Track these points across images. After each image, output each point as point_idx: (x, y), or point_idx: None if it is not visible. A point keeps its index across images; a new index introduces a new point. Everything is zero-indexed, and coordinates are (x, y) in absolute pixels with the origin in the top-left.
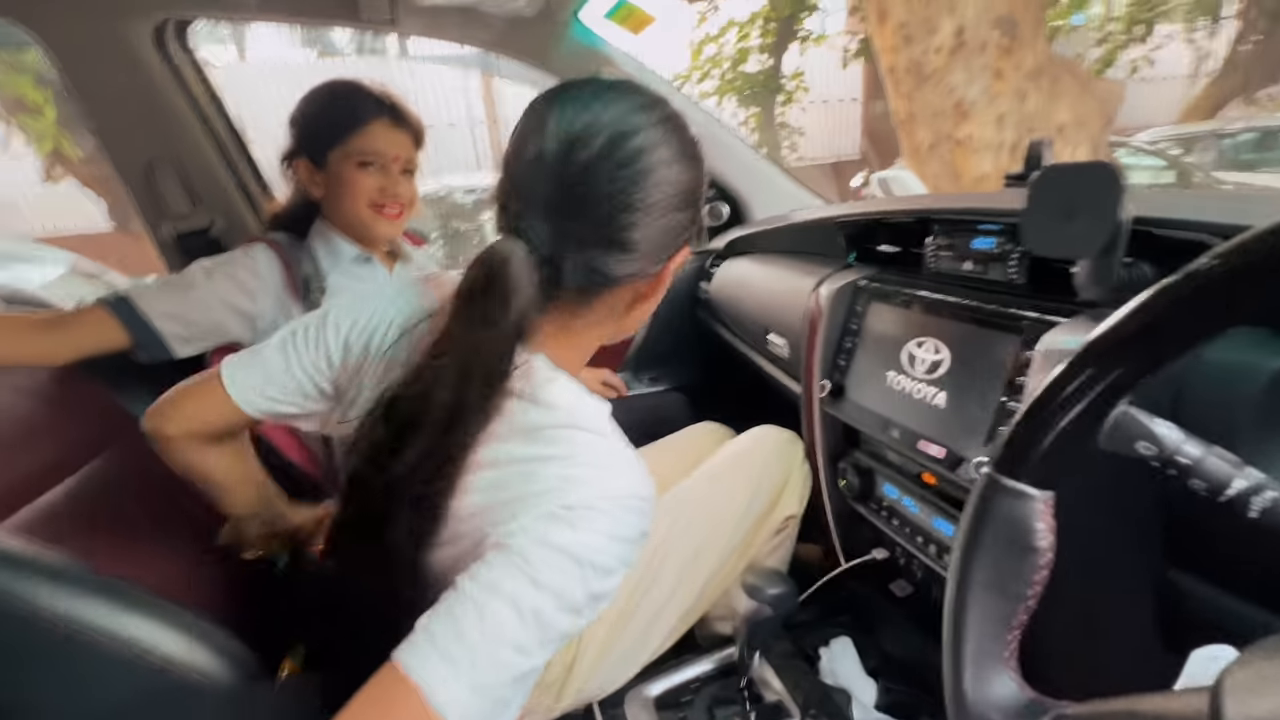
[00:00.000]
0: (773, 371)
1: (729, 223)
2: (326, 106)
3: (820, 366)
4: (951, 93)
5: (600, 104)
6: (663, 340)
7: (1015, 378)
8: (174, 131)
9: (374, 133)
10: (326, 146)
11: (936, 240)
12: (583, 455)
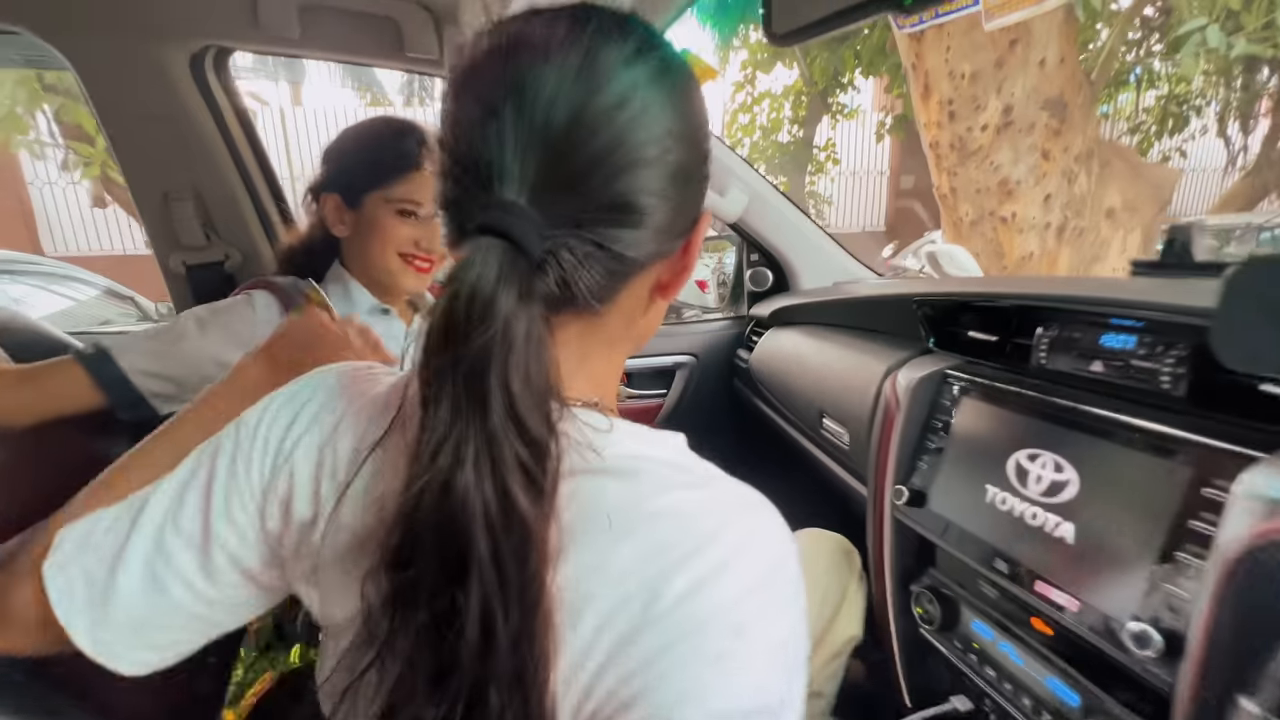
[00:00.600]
0: (826, 462)
1: (771, 289)
2: (372, 145)
3: (895, 468)
4: (996, 170)
5: (569, 26)
6: (694, 409)
7: (1188, 521)
8: (198, 161)
9: (420, 181)
10: (365, 187)
11: (1050, 332)
12: (708, 527)
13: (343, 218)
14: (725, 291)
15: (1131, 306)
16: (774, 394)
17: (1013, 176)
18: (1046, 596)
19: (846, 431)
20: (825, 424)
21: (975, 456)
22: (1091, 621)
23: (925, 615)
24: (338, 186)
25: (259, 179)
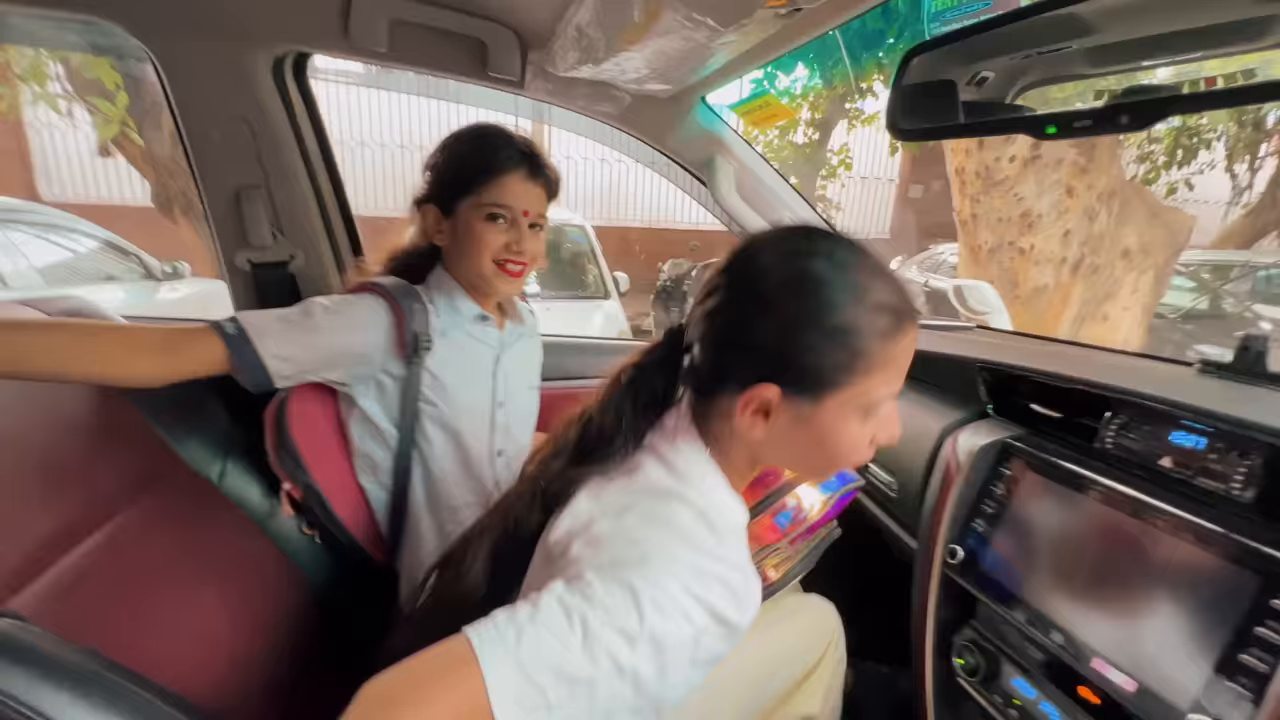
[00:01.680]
0: (870, 506)
1: None
2: (464, 153)
3: (950, 526)
4: (1020, 202)
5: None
6: None
7: (1254, 627)
8: (271, 163)
9: (508, 184)
10: (458, 195)
11: (1119, 419)
12: (683, 527)
13: (440, 226)
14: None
15: (1208, 416)
16: None
17: (1035, 209)
18: (1102, 673)
19: (896, 481)
20: (873, 470)
21: (1035, 529)
22: (1149, 706)
23: (967, 666)
24: (435, 196)
25: (325, 183)
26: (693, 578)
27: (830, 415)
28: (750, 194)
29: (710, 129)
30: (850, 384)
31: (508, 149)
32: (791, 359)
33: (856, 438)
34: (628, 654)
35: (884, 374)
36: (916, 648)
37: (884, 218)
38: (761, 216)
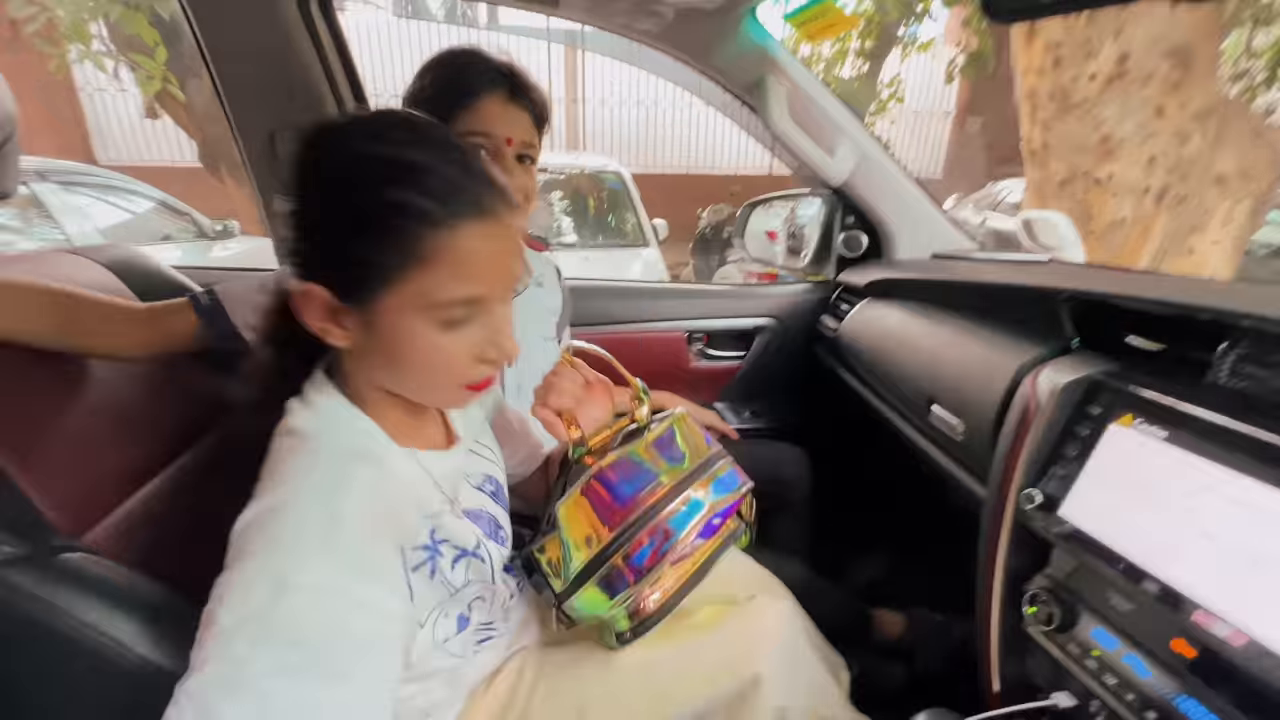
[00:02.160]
0: (929, 450)
1: (864, 255)
2: (437, 78)
3: (1026, 469)
4: (1099, 126)
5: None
6: (771, 373)
7: None
8: (302, 101)
9: (486, 109)
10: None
11: (1239, 349)
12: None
13: None
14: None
15: None
16: (868, 369)
17: (1117, 134)
18: (1205, 626)
19: (963, 424)
20: (935, 412)
21: (1128, 474)
22: (1260, 660)
23: (1039, 615)
24: None
25: None
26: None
27: (390, 320)
28: (804, 118)
29: (761, 46)
30: (399, 280)
31: (484, 71)
32: (326, 253)
33: (441, 349)
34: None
35: (448, 270)
36: (982, 595)
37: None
38: (816, 142)
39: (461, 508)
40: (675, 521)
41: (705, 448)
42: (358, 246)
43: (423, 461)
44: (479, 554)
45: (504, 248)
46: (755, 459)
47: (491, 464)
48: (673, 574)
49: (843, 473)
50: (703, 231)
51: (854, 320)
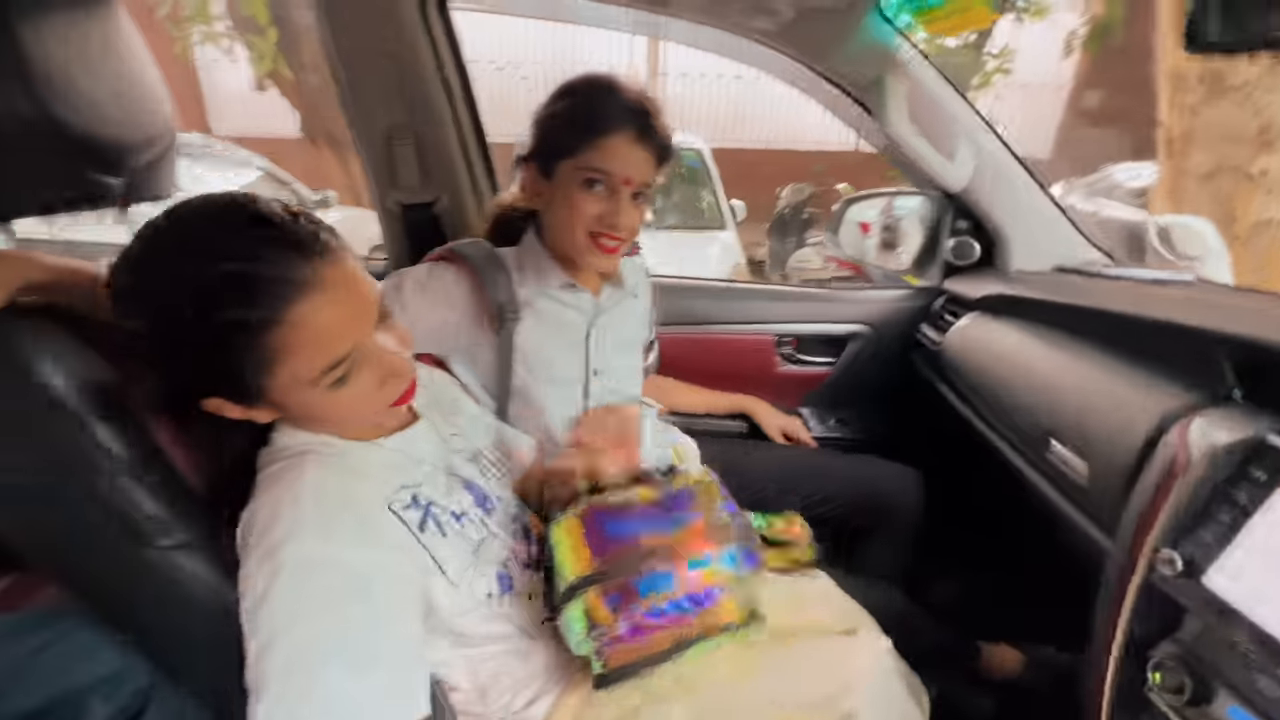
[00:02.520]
0: (1045, 489)
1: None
2: (568, 108)
3: (1165, 529)
4: (1259, 114)
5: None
6: (862, 383)
7: None
8: (419, 103)
9: (611, 147)
10: (558, 155)
11: None
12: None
13: (538, 188)
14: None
15: None
16: (973, 389)
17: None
18: None
19: (1088, 466)
20: (1055, 449)
21: None
22: None
23: (1166, 684)
24: (535, 154)
25: (467, 123)
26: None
27: (288, 400)
28: (923, 119)
29: (883, 43)
30: (270, 375)
31: (614, 106)
32: (198, 377)
33: (342, 401)
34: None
35: (305, 352)
36: (1099, 650)
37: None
38: (936, 149)
39: (459, 475)
40: (644, 583)
41: (721, 517)
42: (219, 367)
43: (388, 444)
44: (471, 518)
45: (342, 306)
46: (853, 477)
47: (472, 440)
48: (644, 639)
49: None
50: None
51: (960, 334)
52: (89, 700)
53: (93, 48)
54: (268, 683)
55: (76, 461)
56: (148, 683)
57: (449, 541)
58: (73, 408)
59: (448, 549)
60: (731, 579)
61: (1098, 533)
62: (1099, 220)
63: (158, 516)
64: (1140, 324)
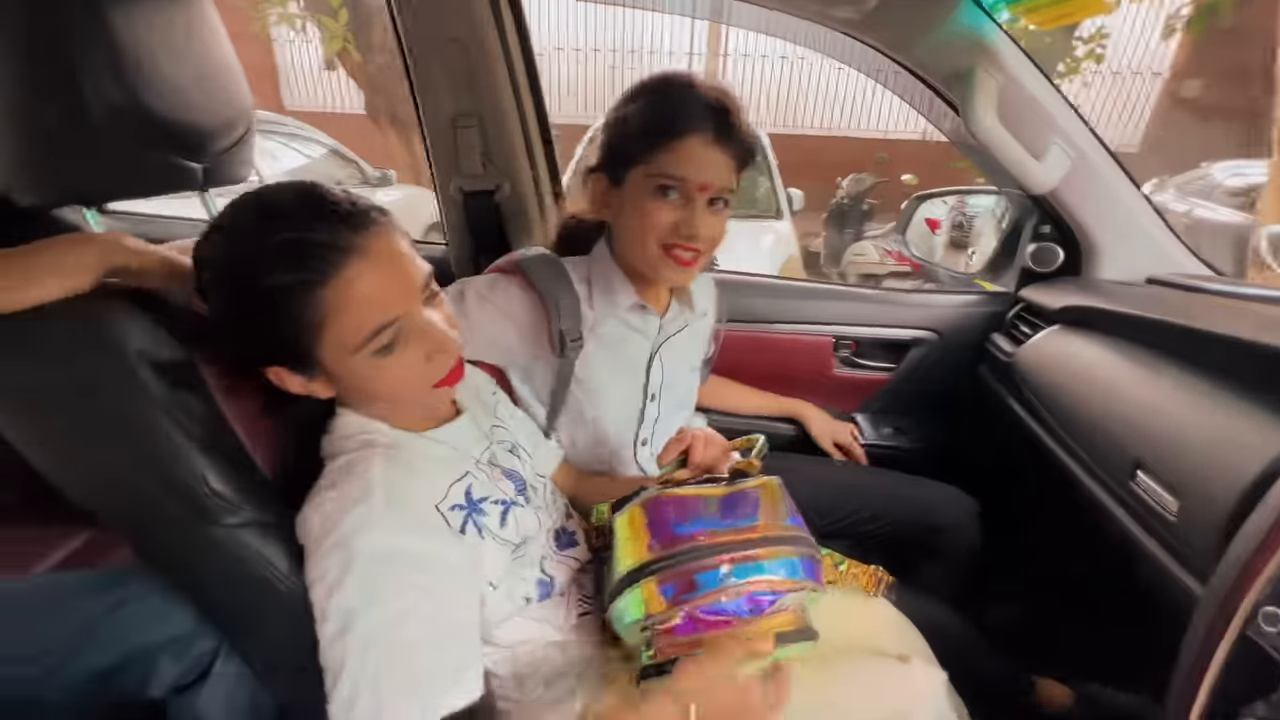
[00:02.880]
0: (1126, 522)
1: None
2: (639, 111)
3: (1273, 582)
4: None
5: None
6: (925, 392)
7: None
8: (484, 89)
9: (686, 150)
10: (628, 162)
11: None
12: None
13: (608, 198)
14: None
15: None
16: (1049, 407)
17: None
18: None
19: (1179, 503)
20: (1141, 480)
21: None
22: None
23: None
24: (604, 163)
25: (530, 110)
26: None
27: (338, 369)
28: (1014, 117)
29: (974, 33)
30: (320, 341)
31: (689, 105)
32: (258, 348)
33: (388, 372)
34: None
35: (349, 315)
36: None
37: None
38: (1024, 145)
39: (500, 465)
40: (704, 577)
41: (787, 528)
42: (275, 331)
43: (440, 437)
44: (518, 503)
45: (386, 273)
46: (912, 498)
47: (515, 435)
48: (697, 635)
49: (1004, 514)
50: (840, 203)
51: (1037, 347)
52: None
53: (177, 33)
54: (346, 661)
55: (147, 435)
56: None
57: (486, 545)
58: (146, 383)
59: (488, 552)
60: (789, 587)
61: (1184, 574)
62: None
63: (223, 494)
64: (1252, 349)
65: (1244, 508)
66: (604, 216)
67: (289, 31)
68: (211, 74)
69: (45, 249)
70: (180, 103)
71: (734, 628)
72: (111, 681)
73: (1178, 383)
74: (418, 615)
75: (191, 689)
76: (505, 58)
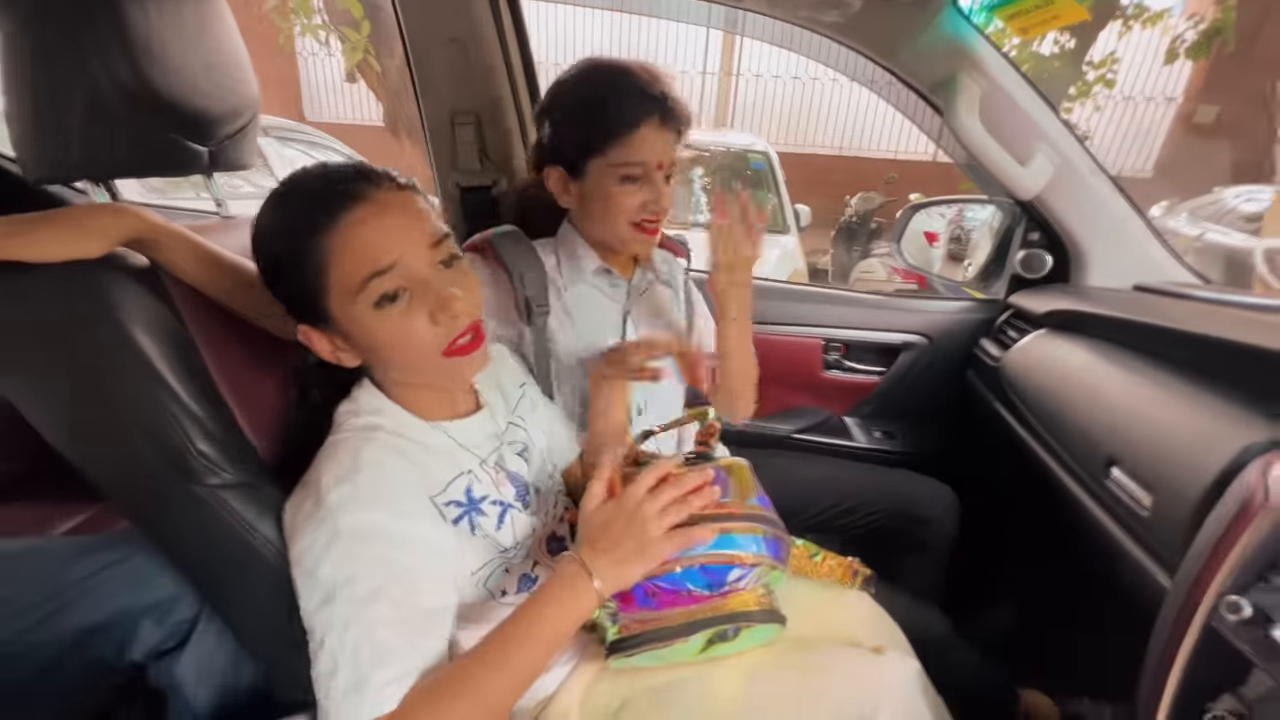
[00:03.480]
0: (1102, 519)
1: (1049, 276)
2: (588, 105)
3: (1235, 573)
4: None
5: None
6: (913, 396)
7: None
8: (482, 87)
9: (642, 138)
10: (585, 155)
11: None
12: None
13: (568, 189)
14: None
15: None
16: (1033, 409)
17: None
18: None
19: (1151, 498)
20: (1115, 476)
21: None
22: None
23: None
24: (559, 157)
25: (528, 111)
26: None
27: (346, 323)
28: (996, 120)
29: (957, 40)
30: (325, 286)
31: (638, 95)
32: (289, 300)
33: (390, 328)
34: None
35: (348, 256)
36: (1148, 697)
37: (1149, 150)
38: (1009, 151)
39: (505, 468)
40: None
41: (752, 507)
42: (292, 282)
43: (450, 431)
44: (516, 508)
45: (389, 219)
46: (892, 491)
47: (526, 432)
48: (656, 610)
49: (990, 518)
50: (848, 220)
51: (1023, 351)
52: (140, 623)
53: (188, 23)
54: (326, 637)
55: (140, 398)
56: (194, 613)
57: (476, 541)
58: (142, 348)
59: (474, 545)
60: (752, 561)
61: (1157, 569)
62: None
63: (208, 455)
64: (1225, 347)
65: (1210, 500)
66: (566, 204)
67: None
68: (220, 64)
69: (70, 210)
70: (189, 88)
71: (693, 605)
72: (92, 643)
73: (1156, 382)
74: (397, 587)
75: (170, 655)
76: (504, 58)
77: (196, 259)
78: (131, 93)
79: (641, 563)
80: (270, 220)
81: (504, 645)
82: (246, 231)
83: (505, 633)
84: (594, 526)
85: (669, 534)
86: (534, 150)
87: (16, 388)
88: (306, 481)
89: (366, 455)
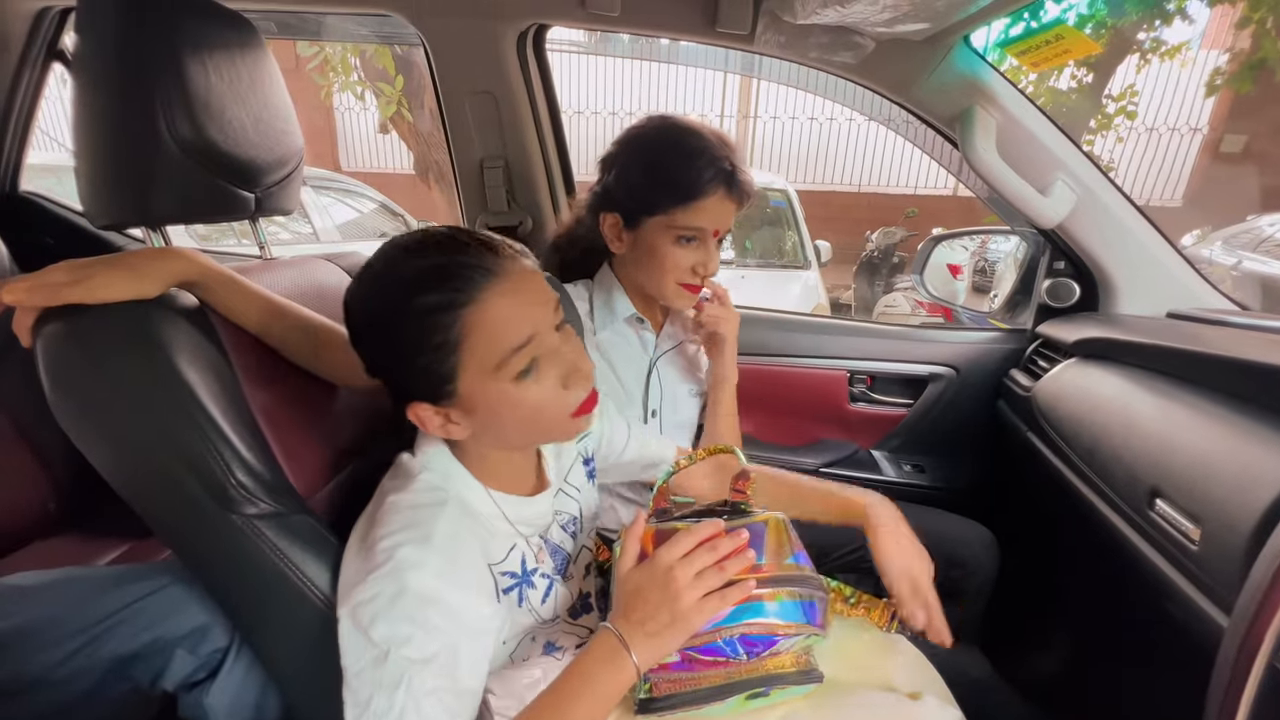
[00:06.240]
0: (1146, 551)
1: (1077, 305)
2: (658, 166)
3: None
4: None
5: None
6: (942, 428)
7: None
8: (510, 132)
9: (707, 207)
10: (646, 210)
11: None
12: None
13: (620, 236)
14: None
15: None
16: (1068, 440)
17: None
18: None
19: (1200, 530)
20: (1160, 508)
21: None
22: None
23: None
24: (618, 205)
25: (554, 154)
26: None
27: (478, 398)
28: (1014, 151)
29: (970, 75)
30: (461, 363)
31: (710, 168)
32: (405, 380)
33: (528, 398)
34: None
35: (487, 333)
36: None
37: (1177, 179)
38: (1029, 181)
39: (549, 541)
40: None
41: (789, 566)
42: (418, 360)
43: (500, 503)
44: (556, 580)
45: (523, 294)
46: (927, 531)
47: (576, 503)
48: (694, 671)
49: (1028, 554)
50: (870, 255)
51: (1055, 381)
52: (175, 652)
53: (242, 80)
54: (375, 696)
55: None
56: (226, 643)
57: (519, 613)
58: (187, 380)
59: (515, 616)
60: (788, 631)
61: (1209, 605)
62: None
63: (247, 486)
64: (1268, 373)
65: (1264, 531)
66: (615, 249)
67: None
68: (269, 118)
69: (126, 255)
70: (240, 140)
71: (730, 668)
72: (128, 671)
73: (1197, 410)
74: (437, 666)
75: (201, 686)
76: (531, 107)
77: (244, 300)
78: (190, 145)
79: (675, 636)
80: (383, 303)
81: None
82: (284, 271)
83: (543, 715)
84: (628, 593)
85: (702, 602)
86: (593, 195)
87: (76, 421)
88: (373, 535)
89: (443, 527)
